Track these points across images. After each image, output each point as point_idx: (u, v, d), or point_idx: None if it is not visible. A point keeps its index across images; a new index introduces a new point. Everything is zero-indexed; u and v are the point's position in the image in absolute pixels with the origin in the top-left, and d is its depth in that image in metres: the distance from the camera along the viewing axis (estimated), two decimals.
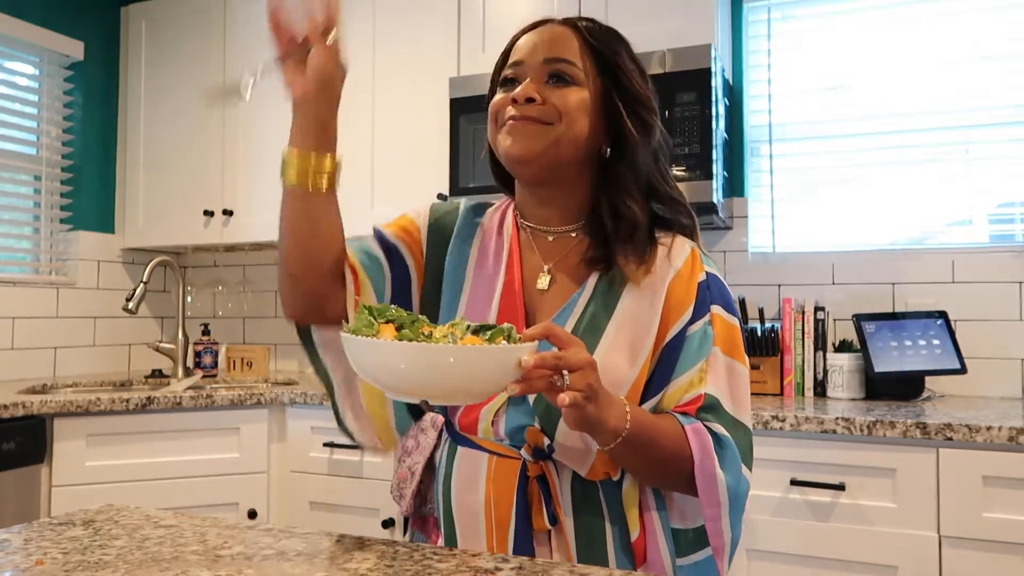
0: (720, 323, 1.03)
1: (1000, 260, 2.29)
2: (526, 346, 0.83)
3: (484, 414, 1.03)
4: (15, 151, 2.93)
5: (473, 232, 1.13)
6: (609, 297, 1.03)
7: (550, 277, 1.07)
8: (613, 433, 0.90)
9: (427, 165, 2.63)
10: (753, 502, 1.88)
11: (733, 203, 2.59)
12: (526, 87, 1.02)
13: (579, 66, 1.04)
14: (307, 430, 2.46)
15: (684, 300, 1.02)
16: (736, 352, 1.04)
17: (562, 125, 1.02)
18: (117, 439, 2.31)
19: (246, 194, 2.94)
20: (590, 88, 1.04)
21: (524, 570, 0.76)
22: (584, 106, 1.03)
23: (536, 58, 1.04)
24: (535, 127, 1.02)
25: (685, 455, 0.96)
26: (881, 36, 2.49)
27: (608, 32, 1.08)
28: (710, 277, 1.05)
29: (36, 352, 2.90)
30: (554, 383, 0.84)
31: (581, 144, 1.04)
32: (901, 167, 2.45)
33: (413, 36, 2.70)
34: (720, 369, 1.02)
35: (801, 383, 2.32)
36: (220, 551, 0.82)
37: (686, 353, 1.01)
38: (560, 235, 1.09)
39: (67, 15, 3.03)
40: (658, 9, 2.33)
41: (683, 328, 1.01)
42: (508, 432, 1.03)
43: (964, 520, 1.72)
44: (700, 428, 0.98)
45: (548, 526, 1.00)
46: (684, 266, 1.04)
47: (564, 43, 1.05)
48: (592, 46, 1.05)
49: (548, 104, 1.02)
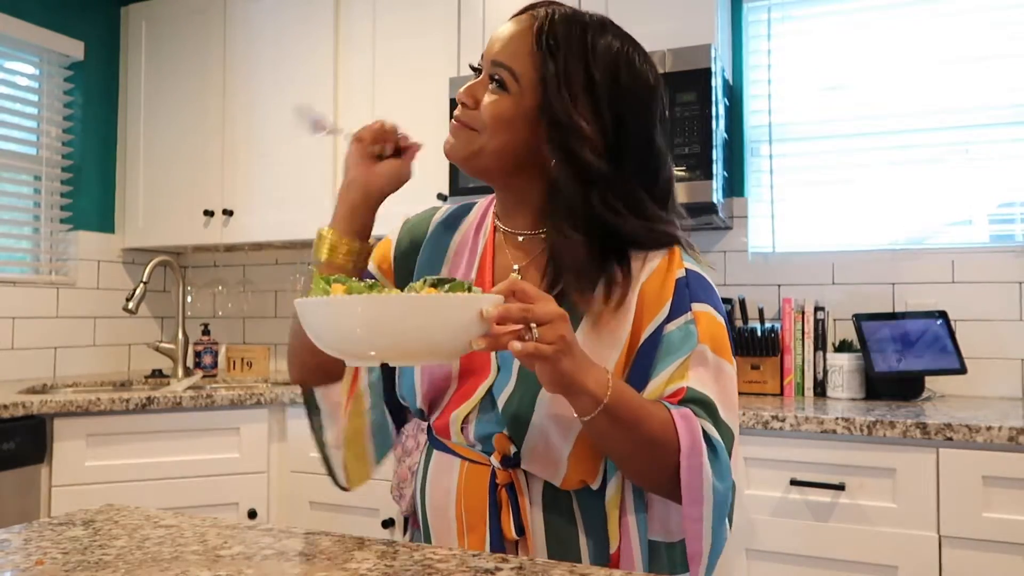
0: (706, 320, 0.96)
1: (1000, 260, 2.29)
2: (489, 296, 0.78)
3: (454, 419, 1.01)
4: (15, 151, 2.93)
5: (455, 227, 1.12)
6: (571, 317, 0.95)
7: (521, 278, 1.02)
8: (592, 398, 0.83)
9: (427, 165, 2.61)
10: (753, 502, 1.88)
11: (733, 203, 2.59)
12: (466, 89, 1.00)
13: (517, 73, 0.96)
14: (307, 430, 2.45)
15: (659, 298, 0.96)
16: (724, 352, 0.96)
17: (484, 135, 0.98)
18: (117, 439, 2.31)
19: (246, 194, 2.94)
20: (529, 98, 0.96)
21: (524, 570, 0.76)
22: (505, 118, 0.96)
23: (489, 56, 1.00)
24: (464, 133, 1.00)
25: (672, 443, 0.88)
26: (881, 36, 2.49)
27: (572, 25, 0.97)
28: (690, 274, 0.98)
29: (36, 352, 2.90)
30: (522, 337, 0.79)
31: (508, 155, 0.98)
32: (901, 167, 2.45)
33: (413, 36, 2.70)
34: (708, 367, 0.94)
35: (801, 383, 2.32)
36: (220, 551, 0.82)
37: (664, 352, 0.94)
38: (529, 237, 1.04)
39: (67, 15, 3.03)
40: (658, 9, 2.32)
41: (659, 327, 0.95)
42: (478, 438, 1.00)
43: (964, 520, 1.72)
44: (689, 415, 0.90)
45: (515, 536, 0.97)
46: (659, 264, 0.98)
47: (514, 45, 0.97)
48: (543, 48, 0.96)
49: (476, 110, 0.98)
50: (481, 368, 1.00)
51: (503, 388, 0.98)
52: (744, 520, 1.88)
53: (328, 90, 2.80)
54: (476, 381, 1.00)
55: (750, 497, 1.89)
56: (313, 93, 2.82)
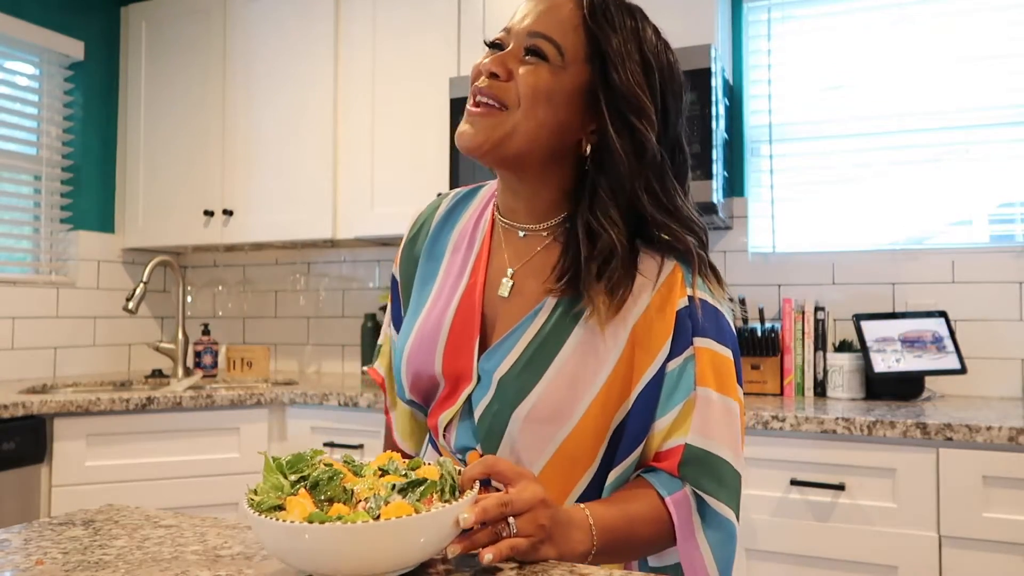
0: (707, 357, 0.91)
1: (1000, 260, 2.29)
2: (462, 503, 0.72)
3: (440, 422, 0.99)
4: (15, 151, 2.93)
5: (455, 220, 1.07)
6: (566, 321, 0.93)
7: (512, 284, 0.98)
8: (582, 557, 0.82)
9: (427, 165, 2.63)
10: (753, 502, 1.88)
11: (733, 203, 2.59)
12: (495, 59, 0.91)
13: (563, 45, 0.90)
14: (307, 430, 2.47)
15: (659, 335, 0.91)
16: (728, 389, 0.91)
17: (519, 112, 0.90)
18: (117, 439, 2.31)
19: (246, 194, 2.94)
20: (572, 73, 0.91)
21: (524, 570, 0.76)
22: (551, 92, 0.90)
23: (522, 28, 0.92)
24: (489, 116, 0.91)
25: (667, 530, 0.88)
26: (881, 36, 2.48)
27: (621, 9, 0.93)
28: (695, 303, 0.92)
29: (36, 352, 2.90)
30: (499, 533, 0.74)
31: (543, 136, 0.91)
32: (901, 167, 2.45)
33: (413, 36, 2.70)
34: (712, 410, 0.90)
35: (801, 383, 2.32)
36: (220, 551, 0.82)
37: (666, 392, 0.91)
38: (530, 233, 0.99)
39: (67, 15, 3.03)
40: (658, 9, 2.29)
41: (662, 366, 0.91)
42: (457, 448, 0.97)
43: (964, 520, 1.72)
44: (681, 500, 0.88)
45: None
46: (656, 296, 0.92)
47: (556, 15, 0.91)
48: (588, 25, 0.91)
49: (511, 83, 0.90)
50: (464, 376, 0.97)
51: (481, 398, 0.95)
52: (744, 520, 1.88)
53: (328, 90, 2.80)
54: (461, 385, 0.97)
55: (750, 497, 1.89)
56: (313, 93, 2.83)
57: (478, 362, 0.96)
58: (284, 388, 2.56)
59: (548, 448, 0.91)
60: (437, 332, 0.99)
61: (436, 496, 0.73)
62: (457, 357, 0.97)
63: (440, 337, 0.98)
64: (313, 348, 3.21)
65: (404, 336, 1.04)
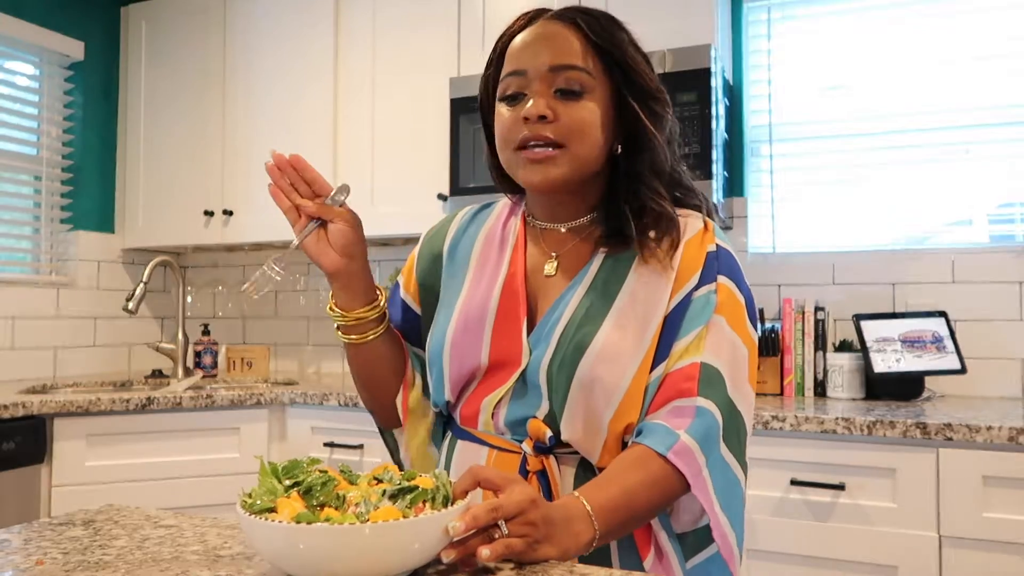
0: (725, 293, 0.99)
1: (1000, 260, 2.29)
2: (452, 511, 0.73)
3: (485, 405, 1.02)
4: (15, 151, 2.93)
5: (479, 226, 1.13)
6: (618, 269, 1.00)
7: (557, 263, 1.05)
8: (587, 545, 0.84)
9: (427, 165, 2.63)
10: (753, 502, 1.88)
11: (733, 203, 2.59)
12: (537, 104, 0.97)
13: (587, 70, 0.98)
14: (307, 430, 2.47)
15: (692, 265, 0.99)
16: (740, 328, 0.99)
17: (577, 145, 0.98)
18: (117, 439, 2.31)
19: (246, 194, 2.94)
20: (600, 92, 1.00)
21: (524, 570, 0.76)
22: (596, 119, 0.98)
23: (540, 66, 0.98)
24: (553, 159, 0.98)
25: (671, 487, 0.91)
26: (881, 36, 2.48)
27: (608, 22, 1.02)
28: (720, 249, 1.02)
29: (36, 352, 2.90)
30: (493, 537, 0.76)
31: (595, 156, 1.00)
32: (901, 167, 2.45)
33: (413, 36, 2.70)
34: (723, 342, 0.97)
35: (801, 383, 2.32)
36: (220, 551, 0.82)
37: (689, 317, 0.98)
38: (575, 226, 1.07)
39: (67, 15, 3.03)
40: (658, 9, 2.32)
41: (688, 293, 0.98)
42: (508, 424, 1.01)
43: (964, 520, 1.72)
44: (682, 450, 0.91)
45: None
46: (695, 234, 1.02)
47: (567, 45, 0.99)
48: (595, 43, 0.99)
49: (560, 122, 0.97)
50: (512, 361, 1.01)
51: (541, 359, 0.98)
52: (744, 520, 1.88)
53: (328, 89, 2.80)
54: (509, 371, 1.01)
55: (750, 497, 1.88)
56: (313, 92, 2.83)
57: (528, 336, 1.01)
58: (284, 388, 2.56)
59: (622, 385, 0.95)
60: (483, 313, 1.03)
61: (428, 504, 0.74)
62: (506, 334, 1.02)
63: (488, 317, 1.03)
64: (313, 348, 3.21)
65: (442, 325, 1.07)
